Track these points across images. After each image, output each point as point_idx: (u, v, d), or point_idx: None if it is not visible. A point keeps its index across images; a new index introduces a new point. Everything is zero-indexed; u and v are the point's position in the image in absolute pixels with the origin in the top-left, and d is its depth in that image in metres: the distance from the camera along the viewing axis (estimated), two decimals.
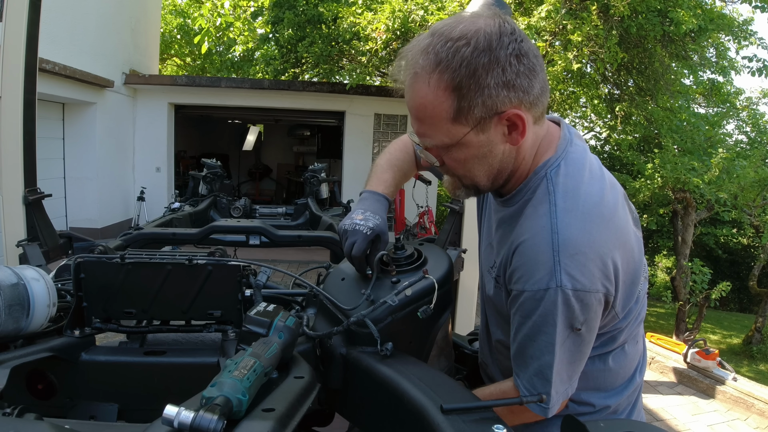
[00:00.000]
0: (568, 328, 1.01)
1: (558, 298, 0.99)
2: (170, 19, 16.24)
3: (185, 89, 10.51)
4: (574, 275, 0.98)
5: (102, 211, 9.27)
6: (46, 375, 1.12)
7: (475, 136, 1.02)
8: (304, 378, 0.94)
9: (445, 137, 1.03)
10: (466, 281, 4.07)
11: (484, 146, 1.04)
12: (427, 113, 1.01)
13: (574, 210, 1.03)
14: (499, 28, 0.97)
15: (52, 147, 8.51)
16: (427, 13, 7.56)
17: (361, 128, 10.83)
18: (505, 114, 0.99)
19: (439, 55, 0.97)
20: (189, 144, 14.07)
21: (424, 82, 0.99)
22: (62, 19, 7.52)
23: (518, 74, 0.97)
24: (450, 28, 0.98)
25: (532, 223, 1.06)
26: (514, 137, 1.04)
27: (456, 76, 0.96)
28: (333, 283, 1.31)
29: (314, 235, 2.75)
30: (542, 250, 1.01)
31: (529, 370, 1.06)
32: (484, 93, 0.97)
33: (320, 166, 4.47)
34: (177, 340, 1.25)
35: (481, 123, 1.00)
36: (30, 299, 1.07)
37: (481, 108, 0.98)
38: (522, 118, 1.00)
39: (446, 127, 1.01)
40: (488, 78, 0.96)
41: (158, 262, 1.15)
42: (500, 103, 0.98)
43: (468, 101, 0.97)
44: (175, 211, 3.54)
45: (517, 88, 0.98)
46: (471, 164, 1.07)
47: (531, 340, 1.05)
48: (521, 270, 1.05)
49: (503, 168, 1.09)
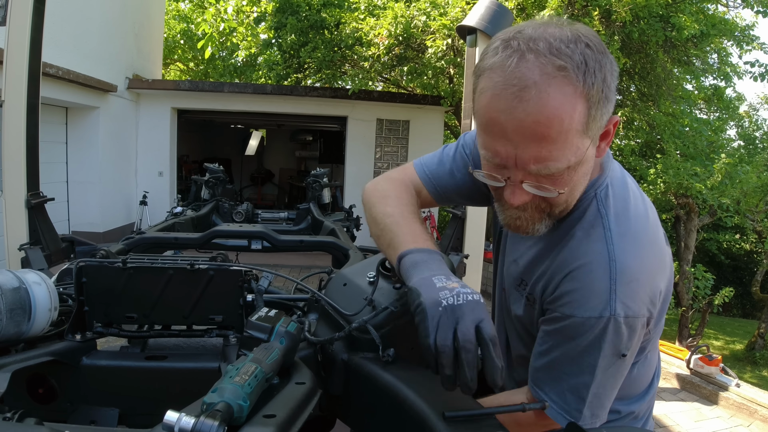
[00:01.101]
0: (614, 355, 0.98)
1: (610, 326, 0.95)
2: (173, 24, 16.31)
3: (188, 94, 10.54)
4: (627, 303, 0.95)
5: (104, 215, 9.28)
6: (46, 379, 1.12)
7: (592, 150, 0.90)
8: (306, 384, 0.94)
9: (573, 156, 0.87)
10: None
11: (592, 160, 0.93)
12: (563, 127, 0.83)
13: (627, 234, 0.98)
14: (586, 29, 0.88)
15: (55, 151, 8.54)
16: (430, 19, 7.58)
17: (364, 133, 10.85)
18: (612, 121, 0.91)
19: (560, 55, 0.82)
20: (191, 148, 14.10)
21: (564, 83, 0.82)
22: (66, 23, 7.55)
23: (614, 78, 0.88)
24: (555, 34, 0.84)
25: (587, 249, 0.98)
26: (602, 147, 0.94)
27: (594, 82, 0.83)
28: (335, 289, 1.30)
29: (316, 240, 2.75)
30: (600, 278, 0.95)
31: (562, 384, 1.01)
32: (609, 99, 0.87)
33: (322, 171, 4.48)
34: (178, 345, 1.24)
35: (598, 135, 0.90)
36: (31, 303, 1.07)
37: (604, 117, 0.88)
38: (617, 125, 0.93)
39: (576, 141, 0.86)
40: (612, 81, 0.86)
41: (160, 266, 1.15)
42: (612, 108, 0.89)
43: (598, 109, 0.85)
44: (178, 215, 3.55)
45: (614, 91, 0.88)
46: (580, 186, 0.96)
47: (570, 360, 1.00)
48: (573, 295, 0.98)
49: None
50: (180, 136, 11.07)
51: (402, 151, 11.04)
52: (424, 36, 7.88)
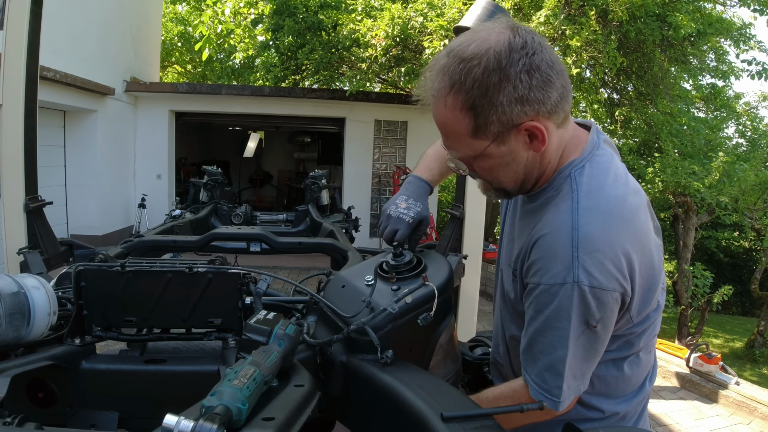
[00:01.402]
0: (583, 324, 1.02)
1: (574, 294, 1.00)
2: (171, 27, 16.31)
3: (186, 96, 10.53)
4: (591, 272, 1.00)
5: (103, 218, 9.27)
6: (46, 383, 1.12)
7: (496, 148, 1.06)
8: (305, 386, 0.94)
9: (468, 150, 1.08)
10: (467, 287, 4.07)
11: (507, 155, 1.08)
12: (449, 130, 1.07)
13: (595, 209, 1.04)
14: (509, 45, 0.99)
15: (53, 154, 8.53)
16: (427, 20, 7.58)
17: (362, 134, 10.84)
18: (522, 126, 1.02)
19: (453, 77, 1.01)
20: (190, 151, 14.09)
21: (442, 103, 1.04)
22: (63, 27, 7.55)
23: (530, 88, 1.00)
24: (463, 47, 1.01)
25: (553, 218, 1.08)
26: (535, 145, 1.06)
27: (469, 97, 1.00)
28: (333, 291, 1.31)
29: (315, 242, 2.75)
30: (561, 245, 1.03)
31: (539, 364, 1.07)
32: (498, 110, 1.00)
33: (321, 173, 4.48)
34: (177, 348, 1.24)
35: (499, 136, 1.04)
36: (30, 308, 1.07)
37: (497, 124, 1.02)
38: (540, 129, 1.03)
39: (467, 141, 1.06)
40: (500, 96, 0.99)
41: (158, 270, 1.15)
42: (515, 117, 1.01)
43: (484, 118, 1.01)
44: (176, 218, 3.55)
45: (531, 101, 1.00)
46: (497, 172, 1.12)
47: (542, 335, 1.06)
48: (539, 263, 1.07)
49: (529, 173, 1.13)
50: (178, 138, 11.07)
51: (400, 152, 11.05)
52: (422, 37, 7.88)
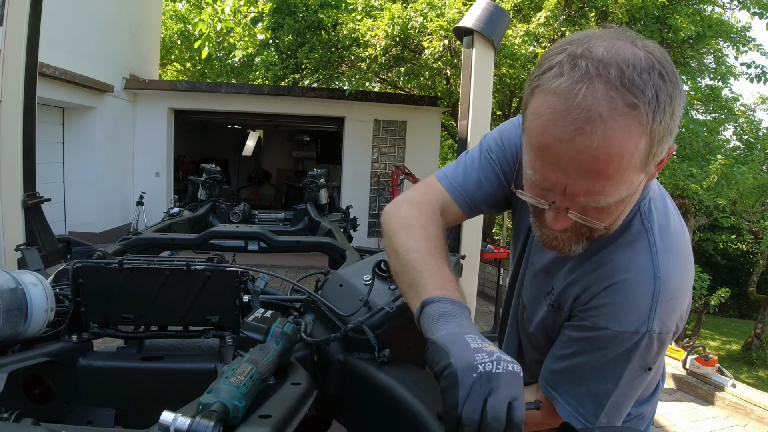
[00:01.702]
0: (641, 368, 0.97)
1: (643, 342, 0.93)
2: (170, 25, 16.29)
3: (185, 94, 10.52)
4: (663, 320, 0.93)
5: (101, 215, 9.26)
6: (43, 380, 1.12)
7: (643, 181, 0.87)
8: (301, 384, 0.94)
9: (626, 190, 0.82)
10: (465, 287, 4.07)
11: (640, 192, 0.90)
12: (622, 164, 0.78)
13: (671, 250, 0.95)
14: (660, 51, 0.80)
15: (51, 151, 8.52)
16: (427, 20, 7.59)
17: (361, 134, 10.85)
18: (670, 149, 0.83)
19: (633, 87, 0.75)
20: (188, 149, 14.08)
21: (623, 127, 0.75)
22: (63, 23, 7.54)
23: (681, 106, 0.81)
24: (623, 50, 0.78)
25: (631, 262, 0.95)
26: (654, 173, 0.87)
27: (662, 120, 0.77)
28: (331, 290, 1.31)
29: (313, 241, 2.76)
30: (643, 294, 0.92)
31: (581, 389, 1.00)
32: (673, 131, 0.80)
33: (319, 172, 4.49)
34: (175, 346, 1.25)
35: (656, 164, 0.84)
36: (28, 304, 1.07)
37: (662, 152, 0.81)
38: (672, 151, 0.84)
39: (633, 177, 0.81)
40: (679, 114, 0.80)
41: (156, 267, 1.15)
42: (673, 139, 0.82)
43: (659, 145, 0.79)
44: (174, 216, 3.55)
45: (676, 120, 0.81)
46: (625, 213, 0.91)
47: (594, 369, 0.98)
48: (612, 308, 0.94)
49: None
50: (177, 136, 11.06)
51: (399, 152, 11.05)
52: (421, 37, 7.89)
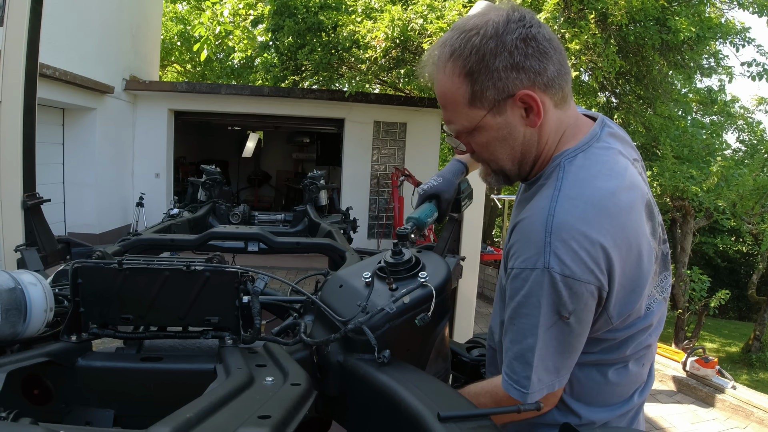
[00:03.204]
0: (554, 313, 1.01)
1: (545, 280, 0.99)
2: (171, 26, 16.30)
3: (185, 96, 10.53)
4: (563, 260, 0.98)
5: (101, 216, 9.26)
6: (42, 380, 1.12)
7: (492, 119, 1.08)
8: (301, 385, 0.94)
9: (465, 121, 1.10)
10: (464, 289, 4.07)
11: (503, 128, 1.09)
12: (448, 99, 1.09)
13: (577, 198, 1.03)
14: (507, 17, 1.04)
15: (51, 152, 8.52)
16: (426, 22, 7.59)
17: (361, 135, 10.85)
18: (517, 95, 1.04)
19: (453, 45, 1.05)
20: (188, 150, 14.09)
21: (442, 71, 1.08)
22: (63, 24, 7.54)
23: (527, 56, 1.03)
24: (465, 21, 1.07)
25: (534, 204, 1.08)
26: (531, 119, 1.08)
27: (467, 63, 1.03)
28: (331, 291, 1.31)
29: (313, 242, 2.75)
30: (536, 230, 1.02)
31: (509, 354, 1.07)
32: (493, 76, 1.03)
33: (319, 173, 4.48)
34: (174, 347, 1.24)
35: (496, 105, 1.06)
36: (27, 304, 1.07)
37: (492, 90, 1.04)
38: (535, 99, 1.04)
39: (465, 111, 1.08)
40: (496, 61, 1.02)
41: (156, 268, 1.15)
42: (511, 84, 1.04)
43: (480, 84, 1.04)
44: (174, 217, 3.55)
45: (527, 70, 1.03)
46: (493, 147, 1.12)
47: (513, 322, 1.06)
48: (515, 247, 1.07)
49: (526, 152, 1.12)
50: (177, 137, 11.06)
51: (399, 153, 11.05)
52: (421, 39, 7.89)
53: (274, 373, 1.01)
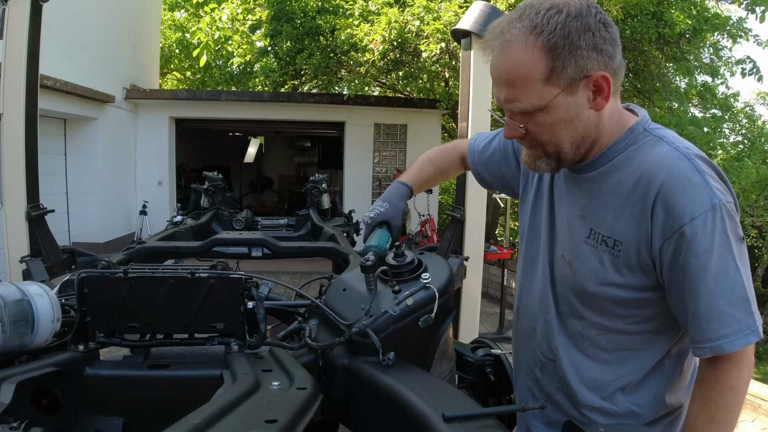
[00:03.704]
0: (740, 240, 1.05)
1: (723, 213, 1.02)
2: (169, 34, 16.34)
3: (186, 103, 10.55)
4: (721, 189, 1.04)
5: (104, 225, 9.28)
6: (50, 390, 1.13)
7: (564, 99, 1.07)
8: (307, 389, 0.95)
9: (536, 99, 1.07)
10: (469, 289, 4.07)
11: (572, 109, 1.08)
12: (521, 75, 1.06)
13: (691, 147, 1.09)
14: (586, 1, 1.06)
15: (54, 162, 8.55)
16: (423, 24, 7.60)
17: (361, 138, 10.86)
18: (593, 77, 1.05)
19: (533, 21, 1.04)
20: (190, 157, 14.11)
21: (521, 44, 1.04)
22: (63, 36, 7.57)
23: (605, 40, 1.05)
24: (540, 2, 1.06)
25: (659, 160, 1.08)
26: (598, 102, 1.08)
27: (551, 38, 1.02)
28: (335, 294, 1.31)
29: (316, 246, 2.77)
30: (691, 174, 1.04)
31: (717, 307, 1.02)
32: (576, 54, 1.03)
33: (321, 177, 4.49)
34: (180, 354, 1.25)
35: (571, 84, 1.05)
36: (34, 315, 1.08)
37: (573, 68, 1.04)
38: (608, 81, 1.06)
39: (538, 88, 1.06)
40: (580, 40, 1.03)
41: (161, 276, 1.16)
42: (590, 64, 1.04)
43: (561, 61, 1.03)
44: (177, 224, 3.56)
45: (604, 53, 1.05)
46: (558, 129, 1.10)
47: (706, 273, 1.02)
48: (681, 201, 1.03)
49: (586, 135, 1.13)
50: (178, 145, 11.09)
51: (400, 155, 11.06)
52: (419, 40, 7.90)
53: (280, 378, 1.01)
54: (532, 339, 1.35)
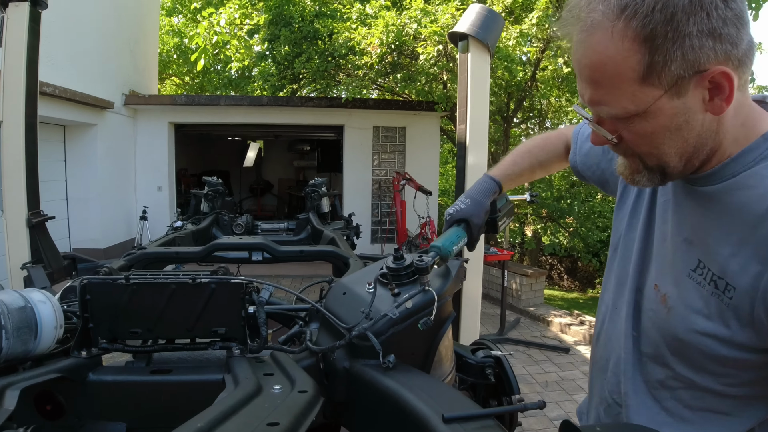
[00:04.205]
0: None
1: None
2: (167, 39, 16.38)
3: (185, 108, 10.58)
4: None
5: (105, 231, 9.30)
6: (54, 396, 1.13)
7: (668, 102, 0.81)
8: (308, 392, 0.96)
9: (630, 104, 0.83)
10: (469, 291, 4.08)
11: (680, 115, 0.82)
12: (607, 73, 0.81)
13: None
14: None
15: (54, 169, 8.57)
16: (421, 26, 7.63)
17: (360, 141, 10.88)
18: (708, 72, 0.78)
19: None
20: (190, 162, 14.13)
21: (606, 33, 0.79)
22: (62, 42, 7.60)
23: (726, 21, 0.76)
24: None
25: None
26: (716, 104, 0.81)
27: (648, 23, 0.76)
28: (335, 298, 1.32)
29: (316, 250, 2.77)
30: None
31: None
32: (684, 43, 0.76)
33: (321, 181, 4.50)
34: (182, 359, 1.26)
35: (677, 84, 0.79)
36: (38, 322, 1.08)
37: (680, 63, 0.77)
38: (730, 78, 0.78)
39: (632, 89, 0.81)
40: (690, 24, 0.75)
41: (162, 281, 1.17)
42: (704, 57, 0.77)
43: (663, 54, 0.77)
44: (178, 229, 3.57)
45: (724, 39, 0.77)
46: (660, 139, 0.85)
47: None
48: None
49: (700, 145, 0.86)
50: (178, 150, 11.11)
51: (399, 158, 11.08)
52: (416, 43, 7.92)
53: (282, 381, 1.02)
54: (604, 373, 1.16)
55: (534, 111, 11.95)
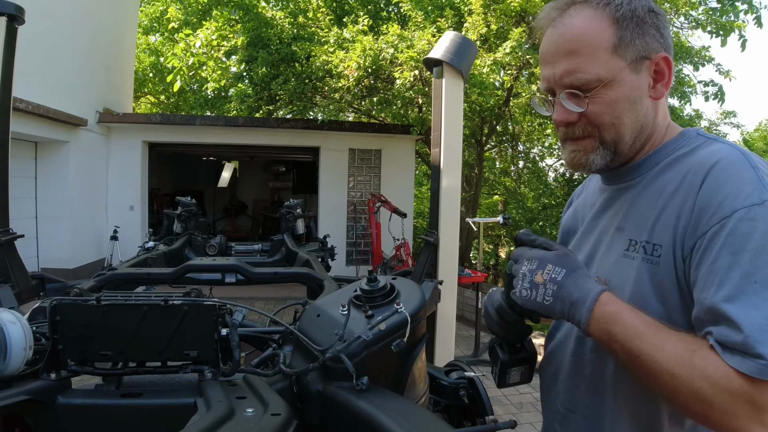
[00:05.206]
0: None
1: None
2: (143, 58, 16.30)
3: (159, 127, 10.50)
4: None
5: (74, 251, 9.11)
6: (23, 418, 1.11)
7: (629, 75, 1.01)
8: (281, 415, 0.95)
9: (602, 70, 1.01)
10: (444, 312, 4.10)
11: (636, 90, 1.02)
12: (587, 42, 1.01)
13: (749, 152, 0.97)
14: None
15: (23, 186, 8.40)
16: (397, 51, 7.74)
17: (336, 163, 10.92)
18: (655, 58, 1.02)
19: None
20: (163, 182, 13.99)
21: (588, 12, 1.02)
22: (36, 57, 7.51)
23: (664, 25, 1.04)
24: None
25: (710, 155, 0.97)
26: (658, 89, 1.04)
27: (619, 9, 1.01)
28: (309, 320, 1.33)
29: (290, 272, 2.77)
30: (744, 167, 0.92)
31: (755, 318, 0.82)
32: (643, 29, 1.01)
33: (296, 202, 4.50)
34: (153, 382, 1.25)
35: (636, 61, 1.01)
36: (7, 343, 1.07)
37: (639, 44, 1.01)
38: (670, 65, 1.03)
39: (605, 58, 1.01)
40: (646, 17, 1.01)
41: (134, 303, 1.16)
42: (654, 44, 1.02)
43: (630, 34, 1.00)
44: (150, 250, 3.53)
45: (665, 37, 1.03)
46: (621, 108, 1.02)
47: (755, 274, 0.84)
48: (723, 192, 0.90)
49: (645, 125, 1.05)
50: (151, 169, 11.00)
51: (375, 180, 11.13)
52: (392, 67, 8.03)
53: (255, 405, 1.02)
54: (554, 385, 1.23)
55: (507, 135, 12.15)
